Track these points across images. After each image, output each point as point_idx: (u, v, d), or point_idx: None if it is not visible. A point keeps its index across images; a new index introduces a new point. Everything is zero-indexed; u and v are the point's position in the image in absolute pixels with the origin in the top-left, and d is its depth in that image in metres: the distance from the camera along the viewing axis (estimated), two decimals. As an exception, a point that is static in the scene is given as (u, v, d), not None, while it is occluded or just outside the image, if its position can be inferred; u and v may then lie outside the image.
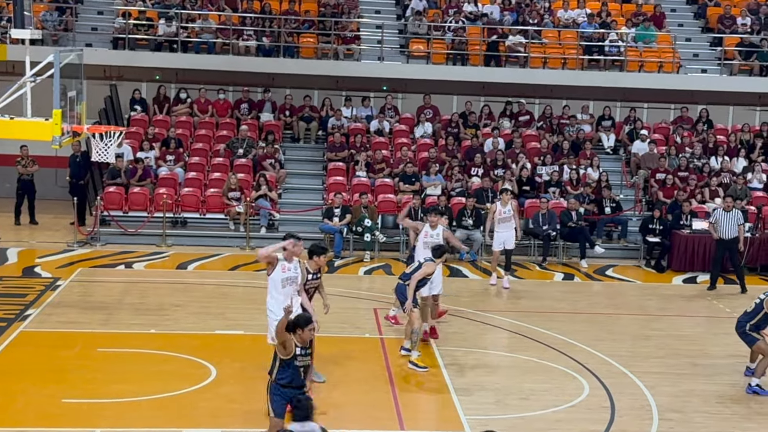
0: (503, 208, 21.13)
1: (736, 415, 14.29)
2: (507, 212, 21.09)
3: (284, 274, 13.44)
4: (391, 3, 31.69)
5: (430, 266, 15.82)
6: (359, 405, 14.11)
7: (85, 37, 28.42)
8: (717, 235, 21.74)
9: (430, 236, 17.27)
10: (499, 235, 21.10)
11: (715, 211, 22.60)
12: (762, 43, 30.04)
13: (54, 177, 26.91)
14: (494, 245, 21.29)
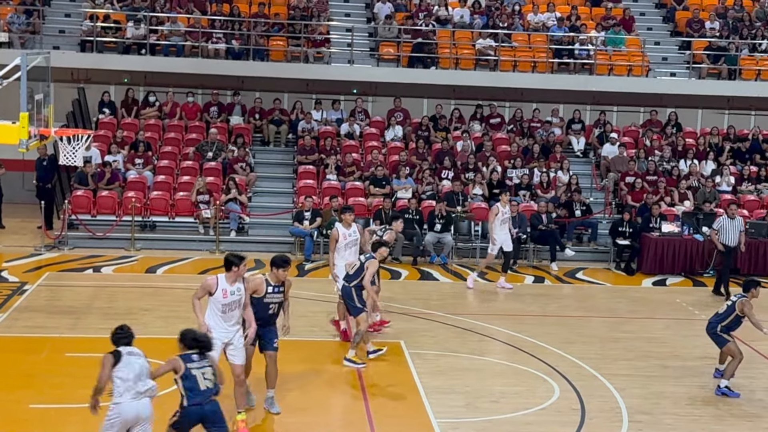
0: (503, 208, 21.25)
1: (706, 416, 14.37)
2: (507, 212, 21.23)
3: (225, 300, 12.49)
4: (361, 6, 31.72)
5: (374, 264, 15.87)
6: (330, 409, 14.12)
7: (53, 39, 28.30)
8: (720, 242, 21.89)
9: (349, 236, 17.04)
10: (500, 237, 21.20)
11: (719, 218, 22.58)
12: (730, 46, 30.26)
13: (21, 180, 26.80)
14: (492, 248, 21.36)
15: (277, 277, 13.24)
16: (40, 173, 25.40)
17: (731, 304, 15.31)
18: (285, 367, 15.51)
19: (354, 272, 15.82)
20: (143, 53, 28.21)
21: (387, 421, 13.62)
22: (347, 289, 15.79)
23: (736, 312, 15.12)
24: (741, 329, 15.35)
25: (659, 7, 33.27)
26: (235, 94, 29.08)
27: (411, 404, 14.29)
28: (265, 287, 13.15)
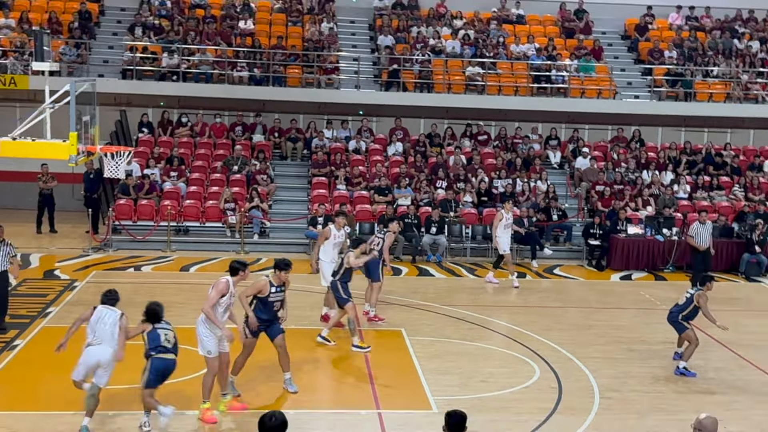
0: (506, 214, 21.19)
1: (667, 392, 14.38)
2: (510, 218, 21.18)
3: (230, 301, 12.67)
4: (366, 39, 31.71)
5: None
6: (340, 388, 14.11)
7: (98, 68, 28.29)
8: (696, 244, 21.87)
9: (337, 237, 17.11)
10: (502, 239, 21.13)
11: (693, 224, 22.48)
12: (686, 72, 30.25)
13: (71, 191, 26.73)
14: (503, 249, 21.27)
15: (279, 278, 13.20)
16: (87, 185, 25.40)
17: (689, 296, 15.32)
18: (300, 352, 15.56)
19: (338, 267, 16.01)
20: (177, 80, 28.17)
21: (390, 398, 13.62)
22: (334, 283, 15.95)
23: (694, 303, 15.14)
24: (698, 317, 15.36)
25: (624, 38, 33.24)
26: (257, 115, 29.06)
27: (411, 383, 14.29)
28: (269, 288, 13.12)
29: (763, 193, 27.25)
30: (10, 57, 27.45)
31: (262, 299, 13.19)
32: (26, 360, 14.81)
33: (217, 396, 12.75)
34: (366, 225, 24.58)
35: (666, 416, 13.32)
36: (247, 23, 30.23)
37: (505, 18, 32.19)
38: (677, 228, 24.60)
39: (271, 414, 7.40)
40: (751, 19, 33.19)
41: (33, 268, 21.29)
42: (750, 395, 14.47)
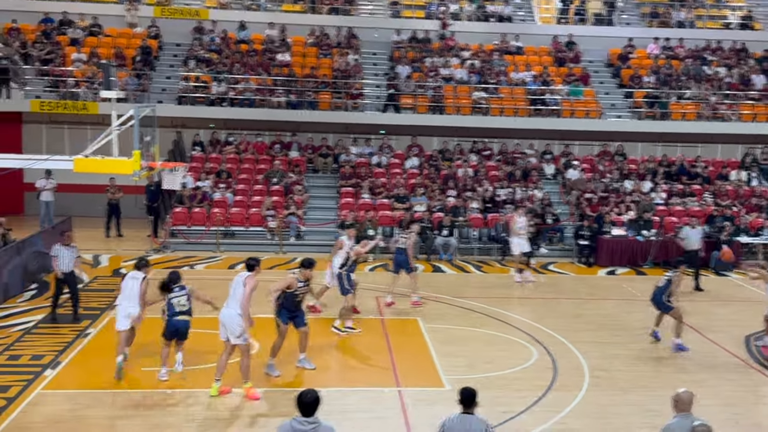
0: (519, 218, 21.07)
1: (647, 372, 14.34)
2: (521, 223, 21.00)
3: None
4: (386, 68, 31.73)
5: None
6: (365, 368, 14.13)
7: (157, 95, 28.40)
8: (685, 246, 21.53)
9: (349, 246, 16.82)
10: (517, 241, 21.00)
11: (683, 228, 22.10)
12: (662, 95, 30.12)
13: (135, 201, 26.88)
14: (514, 250, 21.16)
15: (305, 275, 13.39)
16: (148, 195, 25.54)
17: (668, 278, 15.41)
18: (329, 337, 15.60)
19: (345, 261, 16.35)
20: (224, 105, 28.30)
21: (408, 377, 13.64)
22: (339, 275, 16.18)
23: (673, 285, 15.26)
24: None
25: (608, 66, 33.11)
26: (293, 134, 29.13)
27: (426, 364, 14.31)
28: (296, 283, 13.28)
29: (730, 200, 27.11)
30: (83, 86, 27.65)
31: (290, 293, 13.29)
32: (97, 346, 14.91)
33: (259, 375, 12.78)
34: (387, 228, 24.60)
35: (647, 392, 13.28)
36: (284, 56, 30.31)
37: (506, 49, 32.14)
38: (655, 230, 24.50)
39: (307, 391, 7.53)
40: (718, 49, 33.03)
41: (103, 267, 21.44)
42: (719, 374, 14.41)
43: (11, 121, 27.63)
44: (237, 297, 12.47)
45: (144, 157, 16.24)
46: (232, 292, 12.60)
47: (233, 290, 12.61)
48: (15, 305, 17.44)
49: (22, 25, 29.80)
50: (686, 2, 35.14)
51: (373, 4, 34.10)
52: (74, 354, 14.32)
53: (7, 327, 15.84)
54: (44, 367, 13.55)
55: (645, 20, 34.82)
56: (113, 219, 25.79)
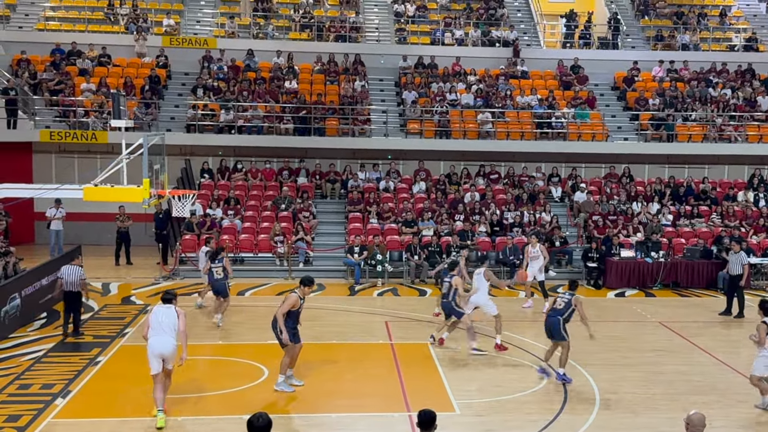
0: (533, 249, 20.90)
1: (658, 394, 14.23)
2: (535, 252, 20.81)
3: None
4: (393, 94, 31.88)
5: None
6: (375, 394, 14.04)
7: (166, 124, 28.60)
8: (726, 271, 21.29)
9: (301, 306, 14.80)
10: (530, 270, 20.74)
11: (728, 253, 21.70)
12: (668, 117, 30.15)
13: (144, 229, 26.94)
14: (528, 276, 20.92)
15: (304, 292, 13.71)
16: (158, 223, 25.56)
17: (568, 300, 14.84)
18: (341, 363, 15.56)
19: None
20: (232, 133, 28.45)
21: (418, 400, 13.54)
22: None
23: (573, 306, 14.76)
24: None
25: (614, 89, 33.21)
26: (300, 161, 29.22)
27: (436, 389, 14.24)
28: (299, 301, 13.60)
29: (738, 220, 27.04)
30: (92, 116, 27.83)
31: (294, 311, 13.60)
32: (107, 374, 14.90)
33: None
34: (395, 253, 24.60)
35: (657, 414, 13.19)
36: (291, 83, 30.48)
37: (512, 74, 32.27)
38: (663, 251, 24.45)
39: (258, 415, 7.46)
40: (723, 71, 33.10)
41: (113, 295, 21.43)
42: (730, 396, 14.28)
43: (21, 151, 27.79)
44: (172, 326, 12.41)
45: (153, 185, 16.32)
46: (166, 322, 12.38)
47: (166, 320, 12.40)
48: (25, 334, 17.46)
49: (31, 56, 30.06)
50: (690, 25, 35.26)
51: (379, 31, 34.33)
52: (84, 382, 14.30)
53: (18, 356, 15.85)
54: (55, 396, 13.53)
55: (650, 43, 34.96)
56: (123, 247, 25.84)
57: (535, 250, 20.77)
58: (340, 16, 33.91)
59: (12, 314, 17.45)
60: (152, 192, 16.13)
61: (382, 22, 35.02)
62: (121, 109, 16.90)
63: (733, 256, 20.79)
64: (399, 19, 34.56)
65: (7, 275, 19.08)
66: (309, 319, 15.17)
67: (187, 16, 34.08)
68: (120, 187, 15.92)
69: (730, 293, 20.74)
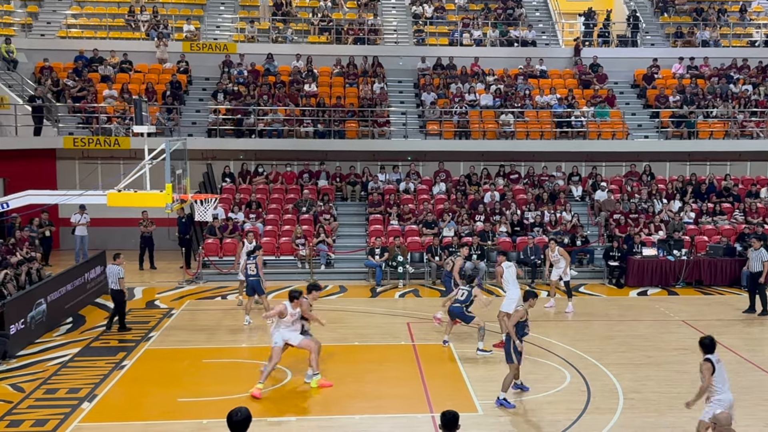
0: (552, 253, 20.83)
1: (682, 393, 14.11)
2: (555, 256, 20.66)
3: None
4: (412, 96, 31.88)
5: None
6: (398, 395, 14.04)
7: (188, 129, 28.76)
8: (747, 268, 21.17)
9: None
10: (554, 272, 20.75)
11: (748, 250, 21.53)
12: (689, 114, 29.96)
13: (167, 233, 27.12)
14: (552, 276, 20.87)
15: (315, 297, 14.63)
16: (180, 227, 25.73)
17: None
18: (363, 364, 15.58)
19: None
20: (253, 137, 28.55)
21: (441, 402, 13.54)
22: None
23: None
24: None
25: (634, 87, 33.05)
26: (321, 163, 29.28)
27: (458, 388, 14.24)
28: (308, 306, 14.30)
29: (761, 217, 26.83)
30: (114, 122, 28.02)
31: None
32: (133, 378, 15.00)
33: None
34: (416, 254, 24.59)
35: (683, 414, 13.05)
36: (311, 86, 30.56)
37: (531, 73, 32.19)
38: (686, 249, 24.29)
39: (237, 410, 7.53)
40: (744, 67, 32.84)
41: (137, 299, 21.56)
42: (756, 394, 14.17)
43: (45, 158, 28.04)
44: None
45: (176, 189, 16.43)
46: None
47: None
48: (51, 339, 17.61)
49: (53, 63, 30.32)
50: (710, 21, 35.03)
51: (398, 33, 34.35)
52: (110, 386, 14.40)
53: (45, 361, 16.00)
54: (81, 400, 13.64)
55: (669, 40, 34.76)
56: (146, 251, 25.99)
57: (555, 254, 20.68)
58: (358, 18, 33.97)
59: (38, 320, 17.61)
60: (175, 197, 16.25)
61: (400, 23, 35.04)
62: (143, 115, 17.02)
63: (753, 252, 20.61)
64: (417, 21, 34.57)
65: (31, 281, 19.25)
66: (331, 321, 15.23)
67: (207, 21, 34.24)
68: (143, 193, 16.04)
69: (752, 291, 20.58)
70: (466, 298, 16.61)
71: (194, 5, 34.74)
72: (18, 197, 16.03)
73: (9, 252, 20.86)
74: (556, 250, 20.70)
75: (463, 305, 16.58)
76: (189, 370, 15.39)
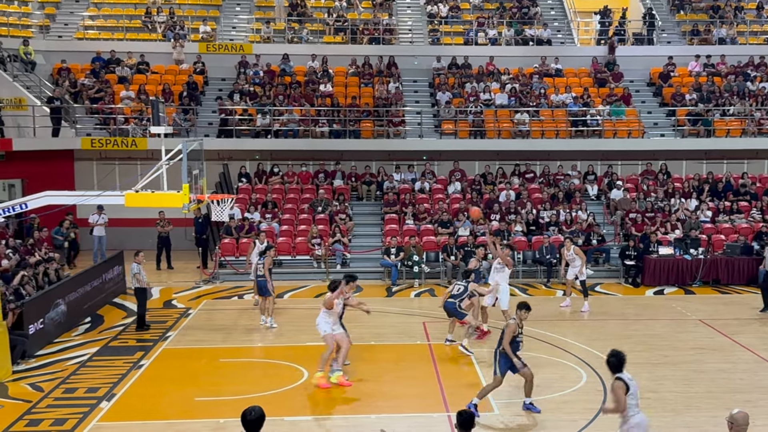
0: (567, 252, 20.75)
1: (699, 393, 14.08)
2: (571, 255, 20.58)
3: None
4: (427, 95, 31.87)
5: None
6: (414, 395, 14.04)
7: (204, 129, 28.86)
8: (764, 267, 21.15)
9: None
10: (569, 272, 20.72)
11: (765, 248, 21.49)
12: (705, 112, 29.81)
13: (184, 233, 27.22)
14: (568, 275, 20.79)
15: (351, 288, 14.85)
16: (197, 227, 25.83)
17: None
18: (380, 364, 15.59)
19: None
20: (269, 137, 28.62)
21: (457, 402, 13.53)
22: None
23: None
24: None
25: (650, 85, 32.91)
26: (336, 163, 29.31)
27: (475, 388, 14.17)
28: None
29: (778, 215, 26.69)
30: (131, 123, 28.16)
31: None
32: (151, 377, 15.07)
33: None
34: (432, 254, 24.59)
35: (700, 413, 13.05)
36: (326, 86, 30.60)
37: (546, 72, 32.11)
38: (703, 248, 24.18)
39: (250, 409, 7.58)
40: (761, 64, 32.63)
41: (154, 299, 21.59)
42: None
43: (64, 159, 28.21)
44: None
45: (192, 190, 16.49)
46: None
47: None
48: (70, 339, 17.72)
49: (71, 64, 30.49)
50: (727, 18, 34.83)
51: (413, 33, 34.34)
52: (129, 386, 14.48)
53: (63, 360, 16.10)
54: (99, 400, 13.72)
55: (686, 38, 34.57)
56: (164, 251, 26.11)
57: (570, 253, 20.62)
58: (373, 18, 33.99)
59: (57, 320, 17.73)
60: (191, 197, 16.31)
61: (415, 23, 35.04)
62: (160, 116, 17.10)
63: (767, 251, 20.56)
64: (432, 20, 34.55)
65: (50, 281, 19.37)
66: (347, 320, 15.25)
67: (223, 22, 34.35)
68: (160, 193, 16.12)
69: (764, 289, 20.49)
70: (461, 293, 16.55)
71: (210, 6, 34.87)
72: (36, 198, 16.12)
73: (28, 252, 21.00)
74: (572, 249, 20.63)
75: (457, 300, 16.46)
76: (206, 369, 15.45)
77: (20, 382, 14.79)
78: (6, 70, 28.51)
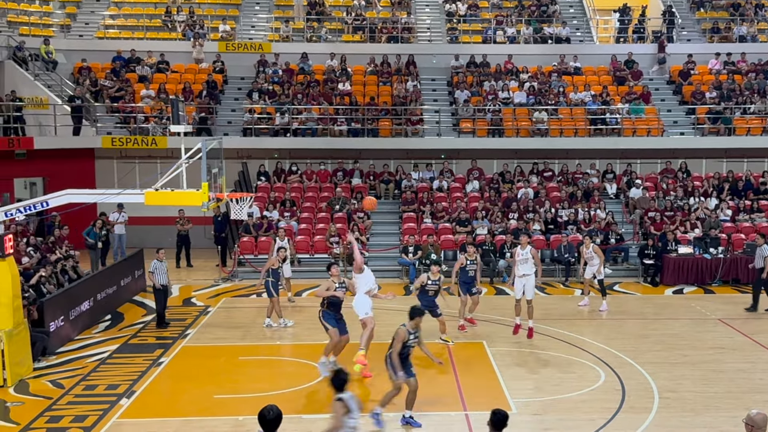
0: (586, 250, 20.67)
1: (719, 393, 14.00)
2: (589, 253, 20.45)
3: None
4: (445, 94, 31.83)
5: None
6: (432, 393, 14.03)
7: (223, 128, 28.95)
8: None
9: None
10: (587, 271, 20.64)
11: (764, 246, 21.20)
12: (725, 111, 29.60)
13: (203, 232, 27.31)
14: (586, 274, 20.72)
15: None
16: (216, 226, 25.90)
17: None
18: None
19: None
20: (288, 135, 28.67)
21: (475, 400, 13.55)
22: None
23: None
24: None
25: (669, 83, 32.70)
26: (354, 162, 29.32)
27: (492, 387, 14.21)
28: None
29: (799, 214, 26.46)
30: (152, 122, 28.29)
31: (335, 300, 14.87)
32: (170, 374, 15.16)
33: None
34: (450, 252, 24.55)
35: (719, 413, 12.98)
36: (345, 85, 30.62)
37: (564, 70, 31.98)
38: (723, 247, 24.02)
39: (269, 408, 7.60)
40: (782, 62, 32.42)
41: (174, 297, 21.64)
42: (793, 393, 14.01)
43: (84, 157, 28.39)
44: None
45: (212, 188, 16.53)
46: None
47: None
48: (90, 336, 17.84)
49: (92, 63, 30.67)
50: (747, 16, 34.57)
51: (431, 31, 34.31)
52: (148, 383, 14.57)
53: (84, 357, 16.22)
54: (120, 397, 13.82)
55: (705, 36, 34.35)
56: (183, 250, 26.22)
57: (589, 251, 20.52)
58: (392, 17, 33.98)
59: (77, 317, 17.84)
60: (211, 195, 16.35)
61: (433, 22, 35.00)
62: (180, 115, 17.14)
63: (757, 249, 20.46)
64: (450, 19, 34.50)
65: (70, 278, 19.50)
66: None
67: (243, 21, 34.44)
68: (180, 191, 16.15)
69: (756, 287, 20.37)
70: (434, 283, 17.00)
71: (230, 5, 34.96)
72: (57, 196, 16.19)
73: (49, 250, 21.16)
74: (591, 247, 20.55)
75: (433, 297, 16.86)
76: (225, 367, 15.52)
77: (41, 378, 14.91)
78: (27, 69, 28.72)
